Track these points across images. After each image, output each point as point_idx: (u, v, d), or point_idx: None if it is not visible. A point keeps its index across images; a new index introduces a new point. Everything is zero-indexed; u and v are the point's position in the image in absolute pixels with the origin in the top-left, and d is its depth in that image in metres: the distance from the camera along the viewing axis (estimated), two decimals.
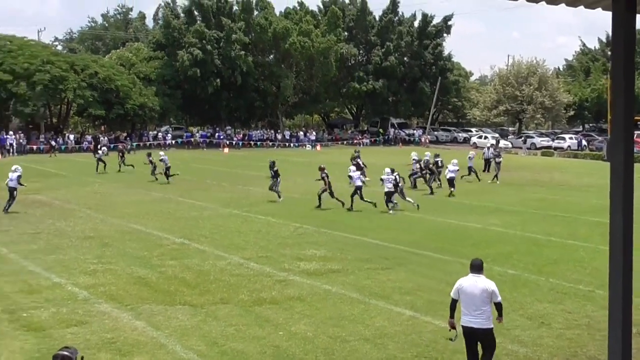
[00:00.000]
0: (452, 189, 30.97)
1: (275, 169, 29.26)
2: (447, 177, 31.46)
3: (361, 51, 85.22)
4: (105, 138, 63.90)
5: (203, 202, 27.89)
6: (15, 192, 25.61)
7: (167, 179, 35.54)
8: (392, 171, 26.43)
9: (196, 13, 76.84)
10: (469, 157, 37.20)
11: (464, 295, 9.48)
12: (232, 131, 76.30)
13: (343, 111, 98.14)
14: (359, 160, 36.16)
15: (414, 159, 34.82)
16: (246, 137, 74.51)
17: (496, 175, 37.16)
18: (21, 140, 61.71)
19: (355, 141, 77.87)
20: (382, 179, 26.41)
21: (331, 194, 26.80)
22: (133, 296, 13.97)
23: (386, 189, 26.02)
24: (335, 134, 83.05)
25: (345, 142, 78.16)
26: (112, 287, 14.60)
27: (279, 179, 29.04)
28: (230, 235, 20.91)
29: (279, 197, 28.56)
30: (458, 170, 32.20)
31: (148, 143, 68.36)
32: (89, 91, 64.47)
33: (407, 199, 27.02)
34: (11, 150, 59.09)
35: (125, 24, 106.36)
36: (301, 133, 79.30)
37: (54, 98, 66.56)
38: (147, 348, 11.09)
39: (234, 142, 71.25)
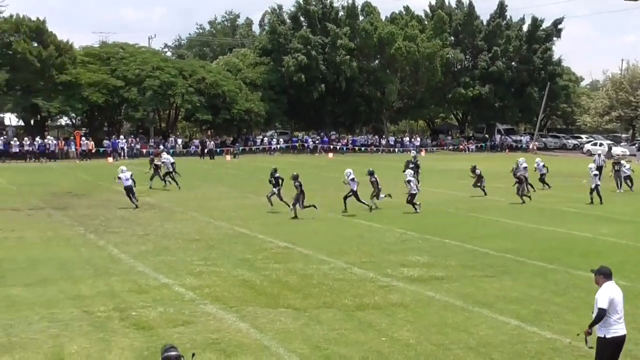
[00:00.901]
0: (594, 197, 29.90)
1: (276, 175, 27.09)
2: (593, 185, 30.22)
3: (467, 56, 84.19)
4: (212, 142, 65.31)
5: (332, 208, 27.88)
6: (133, 190, 27.73)
7: (164, 180, 35.02)
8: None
9: (302, 19, 77.66)
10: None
11: (615, 305, 8.99)
12: (336, 136, 76.64)
13: (448, 117, 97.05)
14: (411, 165, 35.00)
15: (524, 166, 33.91)
16: (350, 142, 74.72)
17: (623, 184, 35.64)
18: (132, 144, 63.78)
19: (460, 147, 76.92)
20: (409, 181, 27.09)
21: (298, 200, 25.50)
22: (237, 298, 14.14)
23: (413, 191, 26.85)
24: (440, 140, 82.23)
25: (450, 148, 77.32)
26: (217, 289, 14.82)
27: (279, 189, 26.89)
28: (334, 240, 20.92)
29: (289, 207, 26.00)
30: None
31: (254, 148, 69.51)
32: (197, 96, 66.16)
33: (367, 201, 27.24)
34: (122, 154, 61.21)
35: (232, 30, 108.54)
36: (406, 138, 78.87)
37: (163, 103, 68.65)
38: (251, 350, 11.18)
39: (338, 147, 71.54)
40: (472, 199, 30.98)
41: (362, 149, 72.96)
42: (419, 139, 79.19)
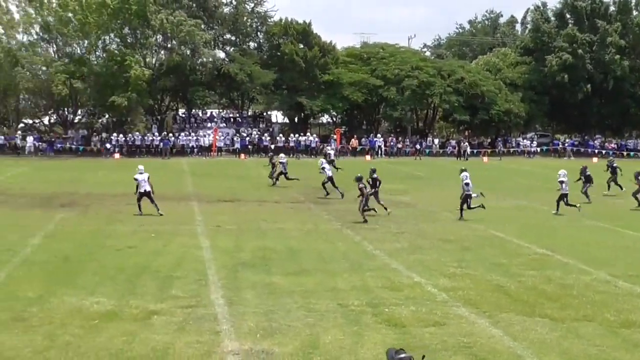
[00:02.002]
0: None
1: (374, 176, 26.21)
2: None
3: None
4: (466, 143, 64.64)
5: (566, 213, 26.69)
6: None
7: (275, 179, 34.90)
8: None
9: (568, 16, 74.45)
10: None
11: None
12: (602, 140, 72.51)
13: None
14: (588, 172, 31.49)
15: None
16: (618, 147, 70.22)
17: None
18: (391, 143, 64.80)
19: None
20: (562, 182, 26.46)
21: (365, 203, 23.86)
22: (491, 303, 13.76)
23: (563, 191, 26.36)
24: None
25: None
26: (470, 292, 14.53)
27: (375, 190, 25.93)
28: (595, 249, 19.75)
29: (386, 209, 25.41)
30: None
31: (512, 150, 67.86)
32: (455, 96, 66.00)
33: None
34: (379, 152, 62.44)
35: (492, 29, 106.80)
36: None
37: (421, 103, 69.26)
38: (503, 357, 10.80)
39: (603, 152, 67.66)
40: None
41: (631, 154, 68.26)
42: None
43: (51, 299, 13.39)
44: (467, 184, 25.44)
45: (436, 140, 69.39)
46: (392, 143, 64.80)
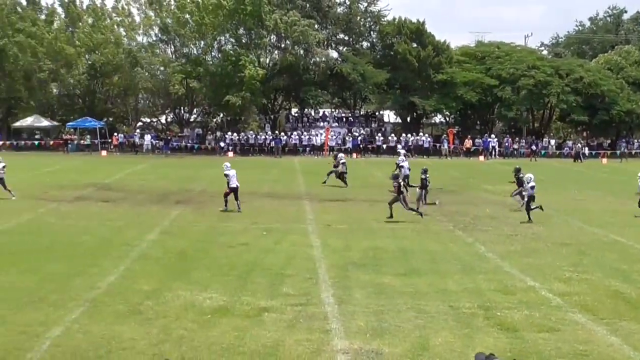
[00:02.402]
0: None
1: (422, 177, 26.50)
2: None
3: None
4: (579, 144, 62.54)
5: None
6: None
7: (344, 182, 34.16)
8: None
9: None
10: None
11: None
12: None
13: None
14: None
15: None
16: None
17: None
18: (507, 144, 63.52)
19: None
20: None
21: (404, 202, 23.71)
22: (609, 310, 13.22)
23: None
24: None
25: None
26: (587, 298, 14.01)
27: (424, 191, 26.41)
28: None
29: (435, 203, 26.57)
30: None
31: (633, 151, 65.26)
32: (573, 96, 64.16)
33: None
34: (493, 153, 61.33)
35: (615, 27, 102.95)
36: None
37: (537, 102, 67.63)
38: None
39: None
40: None
41: None
42: None
43: (166, 293, 13.76)
44: (533, 187, 24.64)
45: (552, 141, 67.52)
46: (507, 144, 63.51)
